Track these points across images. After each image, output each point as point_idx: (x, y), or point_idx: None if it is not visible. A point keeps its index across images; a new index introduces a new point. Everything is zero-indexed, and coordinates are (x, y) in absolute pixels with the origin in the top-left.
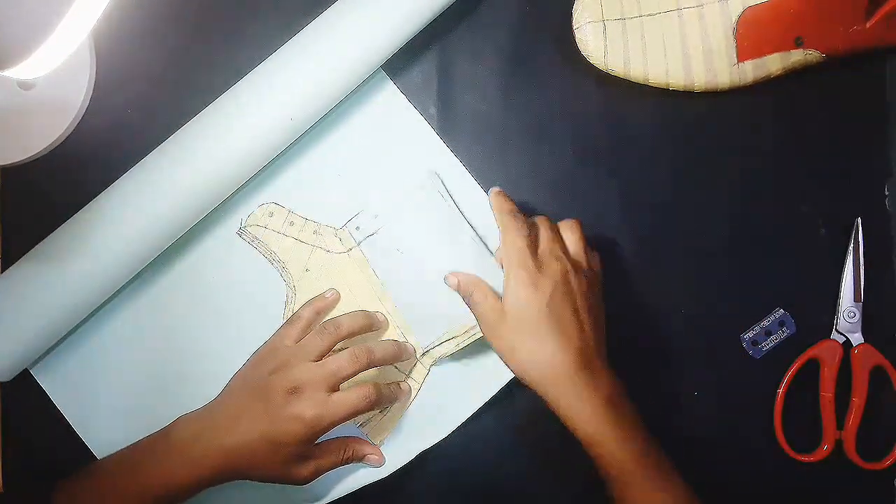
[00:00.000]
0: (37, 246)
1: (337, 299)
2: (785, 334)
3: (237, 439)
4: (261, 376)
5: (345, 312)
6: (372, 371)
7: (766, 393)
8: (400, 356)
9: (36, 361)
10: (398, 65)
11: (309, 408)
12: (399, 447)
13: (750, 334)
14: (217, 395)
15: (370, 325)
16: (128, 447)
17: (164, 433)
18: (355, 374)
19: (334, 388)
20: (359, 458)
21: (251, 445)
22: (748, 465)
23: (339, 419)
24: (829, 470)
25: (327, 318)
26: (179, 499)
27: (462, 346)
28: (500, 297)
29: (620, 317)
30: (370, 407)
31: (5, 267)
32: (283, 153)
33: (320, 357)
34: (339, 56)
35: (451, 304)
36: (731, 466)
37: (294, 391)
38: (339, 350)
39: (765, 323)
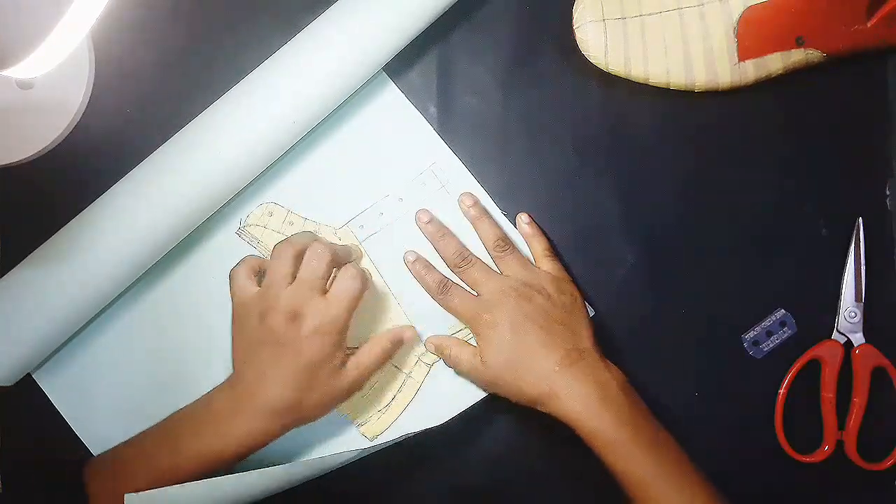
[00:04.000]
0: (38, 249)
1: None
2: (786, 334)
3: (274, 392)
4: (253, 331)
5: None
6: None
7: (766, 393)
8: (350, 253)
9: (38, 365)
10: (398, 64)
11: (318, 318)
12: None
13: (751, 334)
14: (230, 375)
15: (313, 236)
16: (166, 419)
17: (205, 403)
18: (330, 267)
19: (324, 291)
20: (397, 342)
21: (290, 386)
22: (749, 466)
23: (349, 310)
24: (830, 470)
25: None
26: (224, 469)
27: (469, 338)
28: (472, 347)
29: (621, 317)
30: (365, 282)
31: (5, 267)
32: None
33: (291, 281)
34: (341, 58)
35: None
36: (732, 466)
37: (293, 316)
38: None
39: (766, 323)
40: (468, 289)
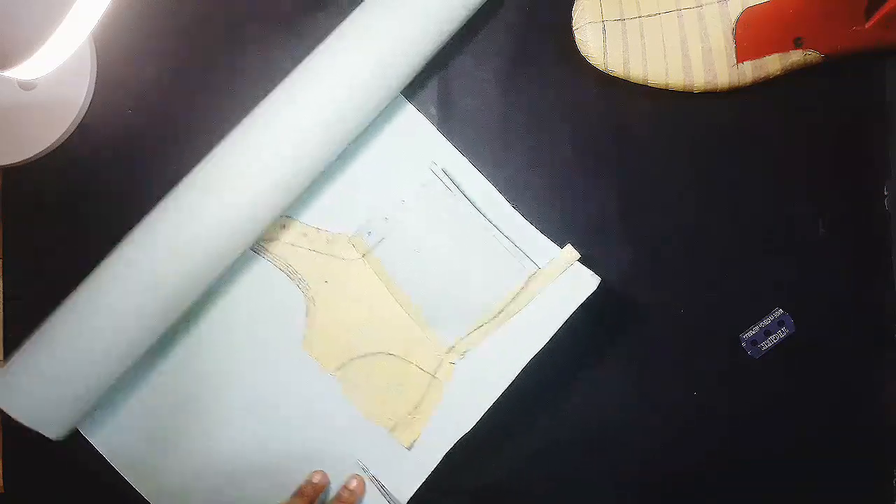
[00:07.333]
0: (67, 299)
1: None
2: (784, 334)
3: None
4: None
5: (364, 320)
6: (396, 369)
7: (765, 392)
8: None
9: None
10: None
11: None
12: (430, 447)
13: (749, 334)
14: None
15: None
16: None
17: None
18: None
19: None
20: None
21: None
22: (746, 464)
23: None
24: (829, 469)
25: None
26: None
27: (491, 332)
28: None
29: (619, 316)
30: None
31: (6, 265)
32: None
33: None
34: (364, 89)
35: (476, 294)
36: (731, 466)
37: None
38: None
39: (764, 323)
40: None
